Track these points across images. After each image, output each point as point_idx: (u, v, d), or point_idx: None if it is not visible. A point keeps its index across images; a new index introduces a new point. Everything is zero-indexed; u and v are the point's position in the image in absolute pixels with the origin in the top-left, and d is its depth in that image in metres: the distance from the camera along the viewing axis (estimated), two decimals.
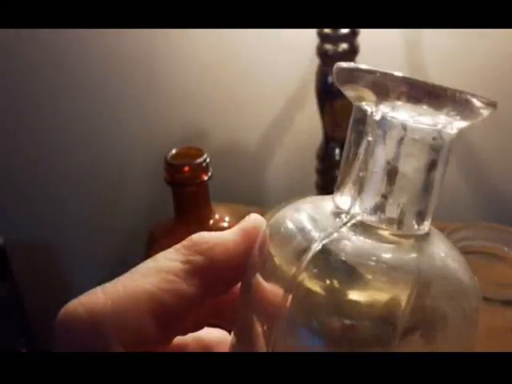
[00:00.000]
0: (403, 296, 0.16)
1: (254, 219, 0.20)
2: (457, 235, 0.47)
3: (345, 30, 0.48)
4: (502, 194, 0.65)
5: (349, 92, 0.17)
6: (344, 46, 0.49)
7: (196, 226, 0.44)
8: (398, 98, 0.15)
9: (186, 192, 0.44)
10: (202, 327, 0.21)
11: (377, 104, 0.16)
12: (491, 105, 0.16)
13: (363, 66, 0.16)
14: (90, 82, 0.70)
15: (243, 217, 0.20)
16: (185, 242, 0.20)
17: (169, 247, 0.19)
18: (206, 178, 0.43)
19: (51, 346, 0.18)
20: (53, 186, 0.77)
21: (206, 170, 0.43)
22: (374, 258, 0.16)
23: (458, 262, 0.18)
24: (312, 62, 0.53)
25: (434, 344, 0.16)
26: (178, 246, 0.20)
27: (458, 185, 0.65)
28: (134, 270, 0.19)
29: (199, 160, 0.43)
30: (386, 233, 0.17)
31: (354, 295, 0.16)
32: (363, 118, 0.17)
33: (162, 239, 0.45)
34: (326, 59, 0.50)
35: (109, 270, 0.76)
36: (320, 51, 0.50)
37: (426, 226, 0.17)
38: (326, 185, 0.56)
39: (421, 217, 0.17)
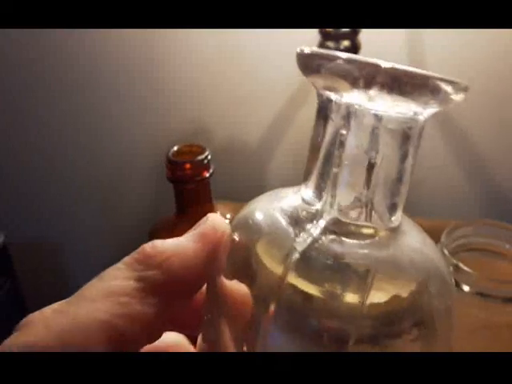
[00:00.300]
0: (396, 292, 0.16)
1: (213, 221, 0.18)
2: (458, 232, 0.47)
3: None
4: (502, 191, 0.65)
5: (315, 80, 0.16)
6: (345, 43, 0.49)
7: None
8: (370, 87, 0.14)
9: (187, 189, 0.44)
10: (159, 337, 0.18)
11: (347, 93, 0.15)
12: (463, 89, 0.15)
13: (330, 52, 0.15)
14: (92, 80, 0.70)
15: None
16: (136, 255, 0.17)
17: None
18: (207, 175, 0.44)
19: None
20: (54, 184, 0.77)
21: (207, 167, 0.44)
22: (355, 257, 0.16)
23: (430, 248, 0.18)
24: None
25: (423, 334, 0.16)
26: (127, 259, 0.17)
27: (458, 182, 0.65)
28: (79, 293, 0.16)
29: (200, 157, 0.43)
30: (362, 229, 0.16)
31: (340, 296, 0.16)
32: (329, 107, 0.16)
33: (164, 236, 0.45)
34: None
35: (109, 266, 0.75)
36: (322, 48, 0.50)
37: (399, 216, 0.17)
38: None
39: (394, 209, 0.17)
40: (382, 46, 0.55)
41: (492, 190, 0.65)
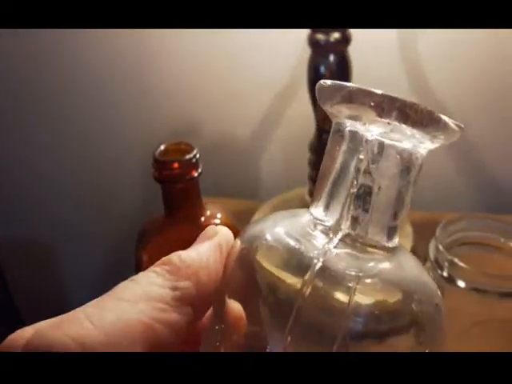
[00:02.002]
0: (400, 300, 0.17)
1: (225, 234, 0.19)
2: (453, 226, 0.46)
3: None
4: (498, 185, 0.64)
5: (339, 110, 0.17)
6: (336, 35, 0.48)
7: (187, 223, 0.43)
8: (390, 117, 0.16)
9: (175, 189, 0.43)
10: (185, 348, 0.19)
11: (370, 123, 0.17)
12: (461, 130, 0.17)
13: (345, 84, 0.17)
14: (81, 79, 0.69)
15: (235, 212, 0.20)
16: (166, 267, 0.18)
17: (159, 246, 0.18)
18: (195, 174, 0.42)
19: None
20: (44, 184, 0.77)
21: (195, 166, 0.42)
22: (369, 272, 0.17)
23: (422, 267, 0.19)
24: (304, 52, 0.52)
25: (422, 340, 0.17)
26: (158, 269, 0.18)
27: (453, 176, 0.65)
28: (113, 294, 0.17)
29: (189, 156, 0.42)
30: (368, 247, 0.18)
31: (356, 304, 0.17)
32: (343, 133, 0.17)
33: (153, 237, 0.44)
34: (318, 49, 0.49)
35: (99, 267, 0.75)
36: (312, 41, 0.49)
37: (397, 238, 0.18)
38: None
39: (394, 231, 0.18)
40: (373, 36, 0.55)
41: (487, 183, 0.65)
